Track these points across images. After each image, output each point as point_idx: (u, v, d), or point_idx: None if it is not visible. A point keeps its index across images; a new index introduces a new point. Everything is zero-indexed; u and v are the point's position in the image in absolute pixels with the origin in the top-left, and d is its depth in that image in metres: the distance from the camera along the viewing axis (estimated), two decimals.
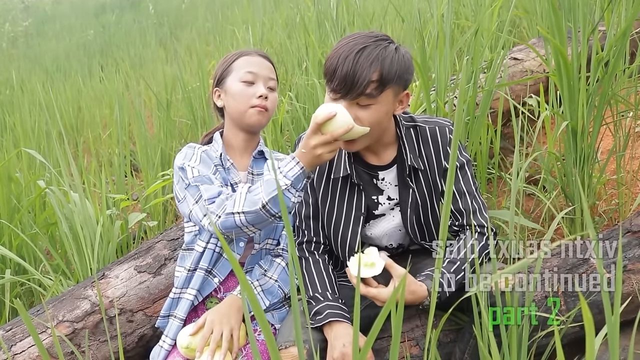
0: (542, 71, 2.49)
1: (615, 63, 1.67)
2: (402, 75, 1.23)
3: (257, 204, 1.24)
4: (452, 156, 0.89)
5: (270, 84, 1.49)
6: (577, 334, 1.44)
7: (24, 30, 10.80)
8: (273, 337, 0.75)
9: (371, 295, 1.21)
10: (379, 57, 1.20)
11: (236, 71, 1.48)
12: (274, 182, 1.23)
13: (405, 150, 1.36)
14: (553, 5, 1.62)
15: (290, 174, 1.23)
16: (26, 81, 5.93)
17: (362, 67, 1.18)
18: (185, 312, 1.44)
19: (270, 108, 1.48)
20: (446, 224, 0.93)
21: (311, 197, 1.44)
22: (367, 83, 1.19)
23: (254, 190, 1.27)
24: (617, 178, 1.85)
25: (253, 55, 1.50)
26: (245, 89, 1.46)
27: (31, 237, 2.11)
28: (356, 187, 1.40)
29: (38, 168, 2.90)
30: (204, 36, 6.73)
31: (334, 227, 1.43)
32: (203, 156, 1.46)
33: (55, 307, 1.57)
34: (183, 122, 3.57)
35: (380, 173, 1.40)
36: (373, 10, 3.87)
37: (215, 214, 1.29)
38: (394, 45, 1.24)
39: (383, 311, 0.72)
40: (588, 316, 0.72)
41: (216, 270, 1.48)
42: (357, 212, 1.40)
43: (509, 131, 2.44)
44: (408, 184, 1.38)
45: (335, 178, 1.40)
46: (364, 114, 1.24)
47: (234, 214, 1.26)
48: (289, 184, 1.23)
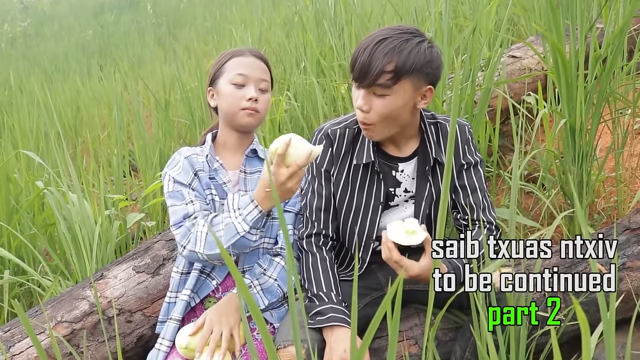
0: (540, 69, 2.48)
1: (613, 60, 1.67)
2: (420, 68, 1.25)
3: (217, 248, 1.30)
4: (448, 151, 0.91)
5: (262, 85, 1.48)
6: (576, 331, 1.44)
7: (22, 30, 10.78)
8: (270, 337, 0.75)
9: (402, 264, 1.20)
10: (395, 48, 1.23)
11: (227, 72, 1.47)
12: (233, 229, 1.30)
13: (430, 143, 1.40)
14: (551, 2, 1.61)
15: (249, 218, 1.29)
16: (25, 81, 5.92)
17: (377, 58, 1.23)
18: (181, 312, 1.43)
19: (262, 109, 1.48)
20: (444, 217, 0.94)
21: (325, 188, 1.45)
22: (380, 73, 1.23)
23: (216, 226, 1.33)
24: (616, 175, 1.84)
25: (246, 56, 1.49)
26: (236, 91, 1.45)
27: (30, 237, 2.11)
28: (376, 176, 1.42)
29: (37, 169, 2.90)
30: (203, 36, 6.73)
31: (353, 216, 1.44)
32: (185, 164, 1.46)
33: (53, 308, 1.57)
34: (182, 122, 3.57)
35: (400, 165, 1.43)
36: (371, 9, 3.86)
37: (181, 244, 1.36)
38: (419, 39, 1.27)
39: (379, 311, 0.72)
40: (582, 317, 0.71)
41: (214, 273, 1.48)
42: (377, 201, 1.43)
43: (507, 129, 2.44)
44: (427, 177, 1.42)
45: (357, 165, 1.42)
46: (378, 102, 1.28)
47: (196, 252, 1.34)
48: (248, 229, 1.29)
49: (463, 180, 1.43)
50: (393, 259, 1.20)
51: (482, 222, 1.41)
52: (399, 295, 0.81)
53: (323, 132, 1.45)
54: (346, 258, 1.53)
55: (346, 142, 1.43)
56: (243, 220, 1.29)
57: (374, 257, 1.47)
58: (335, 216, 1.46)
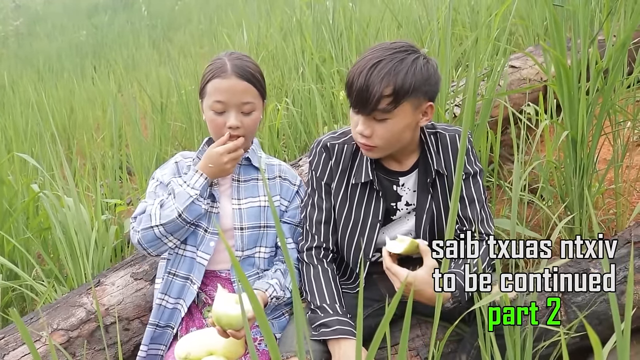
0: (539, 79, 2.49)
1: (616, 74, 1.68)
2: (419, 87, 1.22)
3: (173, 214, 1.37)
4: (459, 162, 0.90)
5: (245, 108, 1.40)
6: (577, 344, 1.43)
7: (14, 29, 10.70)
8: (277, 347, 0.73)
9: (393, 271, 1.20)
10: (391, 71, 1.19)
11: (208, 97, 1.41)
12: (185, 194, 1.39)
13: (431, 155, 1.38)
14: (554, 14, 1.62)
15: (197, 185, 1.40)
16: (17, 81, 5.86)
17: (374, 83, 1.19)
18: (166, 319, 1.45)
19: (245, 133, 1.42)
20: (453, 226, 0.94)
21: (325, 201, 1.43)
22: (379, 98, 1.20)
23: (166, 204, 1.40)
24: (616, 188, 1.85)
25: (226, 77, 1.38)
26: (216, 118, 1.41)
27: (23, 242, 2.08)
28: (375, 194, 1.40)
29: (31, 171, 2.86)
30: (198, 38, 6.71)
31: (350, 233, 1.42)
32: (172, 167, 1.51)
33: (49, 315, 1.55)
34: (178, 125, 3.55)
35: (401, 179, 1.41)
36: (369, 16, 3.87)
37: (135, 230, 1.41)
38: (414, 56, 1.23)
39: (384, 321, 0.72)
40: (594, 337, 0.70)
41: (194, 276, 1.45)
42: (374, 218, 1.40)
43: (505, 139, 2.44)
44: (427, 189, 1.40)
45: (355, 184, 1.40)
46: (379, 127, 1.25)
47: (152, 227, 1.38)
48: (198, 194, 1.39)
49: (462, 191, 1.41)
50: (385, 265, 1.20)
51: (480, 234, 1.38)
52: (409, 310, 0.80)
53: (322, 145, 1.43)
54: (347, 270, 1.52)
55: (344, 158, 1.41)
56: (192, 187, 1.39)
57: (374, 268, 1.45)
58: (335, 229, 1.45)
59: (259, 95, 1.44)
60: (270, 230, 1.49)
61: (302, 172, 1.94)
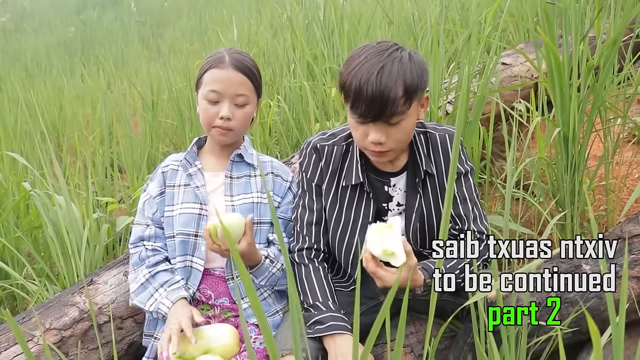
0: (530, 76, 2.51)
1: (607, 72, 1.69)
2: (422, 82, 1.23)
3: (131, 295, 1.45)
4: (452, 162, 0.89)
5: (239, 100, 1.42)
6: (570, 339, 1.45)
7: (1, 25, 10.57)
8: (274, 343, 0.73)
9: (379, 275, 1.16)
10: (399, 73, 1.18)
11: (204, 86, 1.43)
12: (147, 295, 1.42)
13: (420, 155, 1.37)
14: (547, 12, 1.62)
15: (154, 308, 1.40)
16: (5, 78, 5.79)
17: (387, 88, 1.17)
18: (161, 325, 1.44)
19: (236, 126, 1.43)
20: (447, 225, 0.94)
21: (316, 203, 1.43)
22: (397, 102, 1.18)
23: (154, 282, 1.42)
24: (606, 184, 1.87)
25: (224, 68, 1.41)
26: (209, 107, 1.42)
27: (14, 240, 2.06)
28: (366, 195, 1.39)
29: (21, 170, 2.83)
30: (188, 35, 6.67)
31: (340, 235, 1.42)
32: (159, 178, 1.51)
33: (42, 315, 1.53)
34: (169, 122, 3.52)
35: (392, 179, 1.41)
36: (360, 13, 3.86)
37: (131, 266, 1.49)
38: (405, 53, 1.23)
39: (379, 318, 0.72)
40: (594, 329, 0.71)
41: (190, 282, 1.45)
42: (365, 220, 1.39)
43: (497, 135, 2.46)
44: (416, 190, 1.39)
45: (346, 186, 1.40)
46: (394, 130, 1.24)
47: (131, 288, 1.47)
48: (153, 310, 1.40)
49: (453, 191, 1.41)
50: (369, 270, 1.16)
51: (473, 233, 1.38)
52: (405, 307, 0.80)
53: (311, 146, 1.43)
54: (340, 269, 1.52)
55: (334, 160, 1.41)
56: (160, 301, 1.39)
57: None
58: (327, 230, 1.44)
59: (254, 90, 1.46)
60: (263, 227, 1.49)
61: (294, 169, 1.94)
